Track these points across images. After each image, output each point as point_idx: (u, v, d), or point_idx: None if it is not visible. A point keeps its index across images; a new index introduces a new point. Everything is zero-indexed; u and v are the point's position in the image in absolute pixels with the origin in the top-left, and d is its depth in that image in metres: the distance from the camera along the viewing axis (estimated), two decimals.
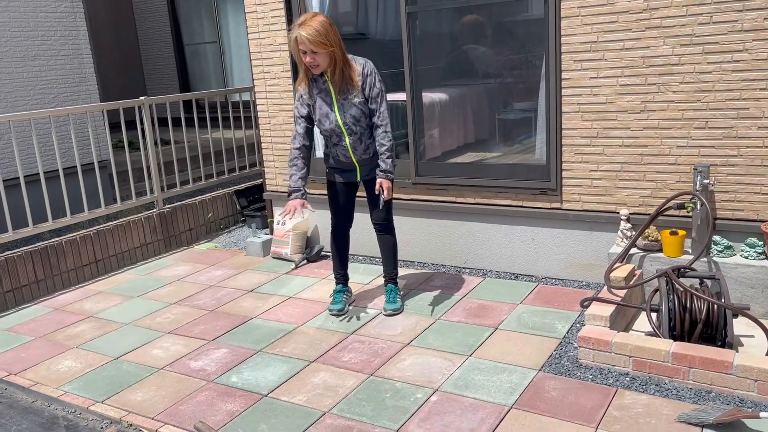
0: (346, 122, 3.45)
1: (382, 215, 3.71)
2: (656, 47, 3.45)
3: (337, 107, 3.43)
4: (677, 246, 3.44)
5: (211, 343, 3.57)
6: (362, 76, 3.41)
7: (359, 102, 3.43)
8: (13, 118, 4.44)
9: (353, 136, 3.49)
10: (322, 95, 3.45)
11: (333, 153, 3.61)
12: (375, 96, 3.44)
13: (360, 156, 3.56)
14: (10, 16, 6.07)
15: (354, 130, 3.48)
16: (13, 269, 4.32)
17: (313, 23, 3.23)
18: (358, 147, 3.53)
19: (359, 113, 3.45)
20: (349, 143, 3.51)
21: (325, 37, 3.22)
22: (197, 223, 5.61)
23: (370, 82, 3.42)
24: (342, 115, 3.44)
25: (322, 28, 3.22)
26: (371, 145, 3.56)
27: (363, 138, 3.52)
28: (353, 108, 3.43)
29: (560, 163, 3.87)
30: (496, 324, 3.52)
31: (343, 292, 3.90)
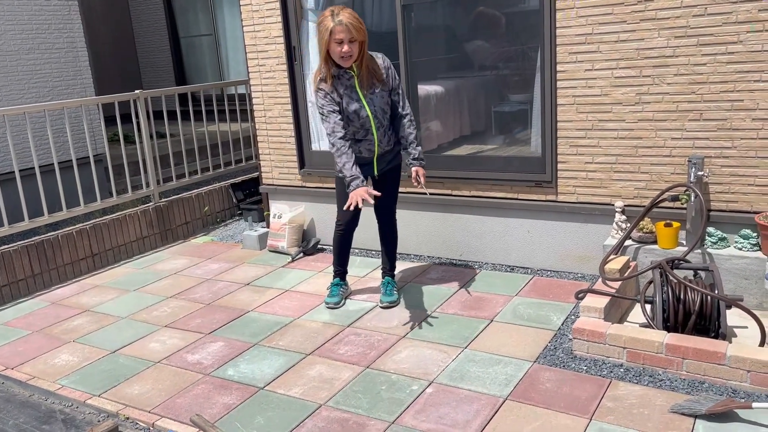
0: (376, 116, 3.43)
1: (389, 207, 3.74)
2: (651, 39, 3.45)
3: (366, 102, 3.40)
4: (672, 238, 3.45)
5: (208, 336, 3.58)
6: (384, 68, 3.44)
7: (385, 94, 3.46)
8: (7, 112, 4.43)
9: (381, 129, 3.48)
10: (348, 92, 3.38)
11: (354, 149, 3.44)
12: (397, 87, 3.49)
13: (384, 149, 3.54)
14: (3, 9, 6.04)
15: (382, 123, 3.48)
16: (9, 263, 4.32)
17: (349, 11, 3.23)
18: (383, 140, 3.51)
19: (386, 105, 3.47)
20: (377, 137, 3.47)
21: (361, 23, 3.25)
22: (194, 217, 5.61)
23: (392, 74, 3.47)
24: (372, 108, 3.42)
25: (357, 15, 3.24)
26: (391, 137, 3.56)
27: (387, 131, 3.53)
28: (380, 100, 3.44)
29: (555, 156, 3.88)
30: (492, 316, 3.54)
31: (340, 285, 3.91)
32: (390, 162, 3.63)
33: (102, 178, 6.35)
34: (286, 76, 4.72)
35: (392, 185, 3.71)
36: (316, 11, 4.56)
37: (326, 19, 3.22)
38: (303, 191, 4.95)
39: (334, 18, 3.20)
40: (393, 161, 3.65)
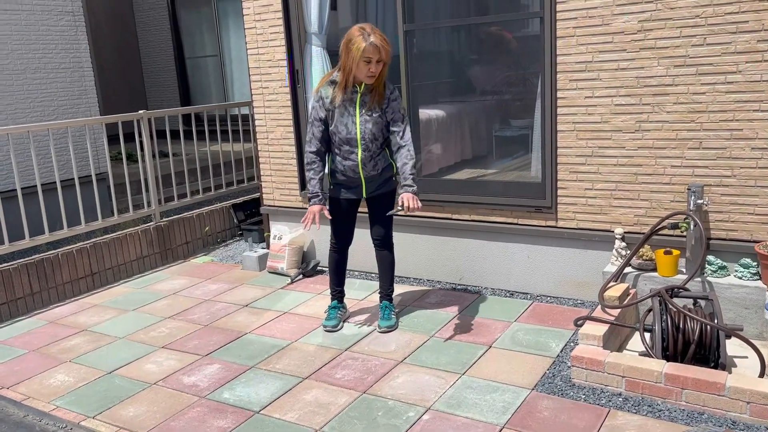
0: (364, 137, 3.48)
1: (382, 232, 3.72)
2: (650, 68, 3.47)
3: (359, 120, 3.46)
4: (671, 265, 3.44)
5: (205, 358, 3.56)
6: (388, 99, 3.48)
7: (383, 122, 3.49)
8: (12, 130, 4.47)
9: (367, 152, 3.51)
10: (346, 104, 3.46)
11: (340, 168, 3.57)
12: (399, 119, 3.49)
13: (368, 172, 3.56)
14: (12, 29, 6.12)
15: (369, 147, 3.51)
16: (8, 281, 4.32)
17: (379, 33, 3.31)
18: (368, 163, 3.54)
19: (378, 131, 3.49)
20: (361, 158, 3.52)
21: (390, 46, 3.35)
22: (194, 237, 5.62)
23: (395, 107, 3.49)
24: (362, 128, 3.47)
25: (386, 38, 3.33)
26: (380, 163, 3.57)
27: (374, 156, 3.54)
28: (374, 125, 3.48)
29: (555, 182, 3.89)
30: (490, 342, 3.52)
31: (337, 308, 3.90)
32: (380, 186, 3.63)
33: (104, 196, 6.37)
34: (289, 99, 4.76)
35: (381, 211, 3.67)
36: (320, 35, 4.61)
37: (358, 38, 3.30)
38: (303, 213, 4.94)
39: (366, 38, 3.28)
40: (384, 186, 3.64)
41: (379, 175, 3.60)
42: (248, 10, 4.78)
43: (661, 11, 3.38)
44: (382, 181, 3.62)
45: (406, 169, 3.46)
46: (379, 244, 3.76)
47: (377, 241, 3.76)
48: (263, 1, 4.69)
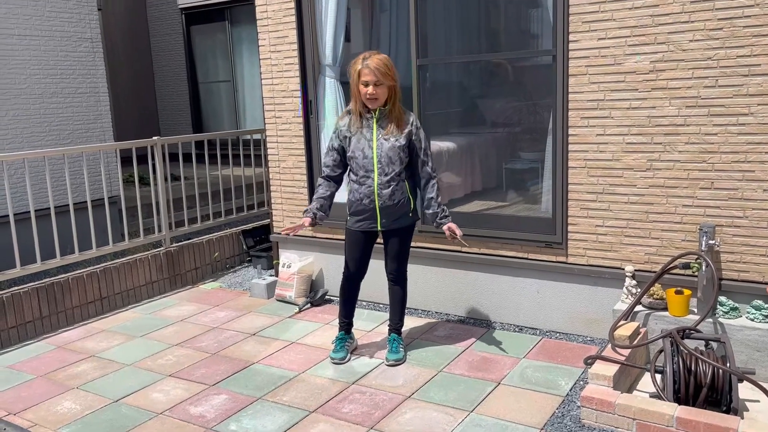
0: (380, 160, 3.50)
1: (396, 267, 3.72)
2: (662, 107, 3.49)
3: (376, 144, 3.50)
4: (683, 305, 3.42)
5: (212, 388, 3.55)
6: (413, 126, 3.54)
7: (399, 145, 3.50)
8: (28, 155, 4.52)
9: (383, 176, 3.51)
10: (363, 130, 3.53)
11: (357, 196, 3.59)
12: (425, 148, 3.57)
13: (384, 201, 3.54)
14: (31, 54, 6.23)
15: (386, 171, 3.50)
16: (18, 305, 4.34)
17: (379, 57, 3.42)
18: (384, 190, 3.52)
19: (395, 155, 3.50)
20: (377, 183, 3.52)
21: (389, 69, 3.41)
22: (203, 262, 5.64)
23: (421, 136, 3.56)
24: (379, 152, 3.50)
25: (387, 62, 3.42)
26: (397, 193, 3.55)
27: (391, 183, 3.53)
28: (391, 148, 3.49)
29: (566, 217, 3.89)
30: (499, 378, 3.50)
31: (344, 339, 3.88)
32: (396, 220, 3.61)
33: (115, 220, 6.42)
34: (302, 129, 4.81)
35: (398, 246, 3.68)
36: (333, 67, 4.67)
37: (357, 62, 3.45)
38: (313, 241, 4.98)
39: (363, 61, 3.41)
40: (400, 221, 3.63)
41: (396, 208, 3.57)
42: (264, 42, 4.85)
43: (674, 52, 3.42)
44: (399, 215, 3.60)
45: (432, 200, 3.56)
46: (392, 279, 3.77)
47: (391, 276, 3.77)
48: (279, 33, 4.76)
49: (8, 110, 6.10)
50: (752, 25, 3.21)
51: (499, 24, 4.43)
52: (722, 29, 3.28)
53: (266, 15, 4.81)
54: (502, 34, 4.40)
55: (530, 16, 4.19)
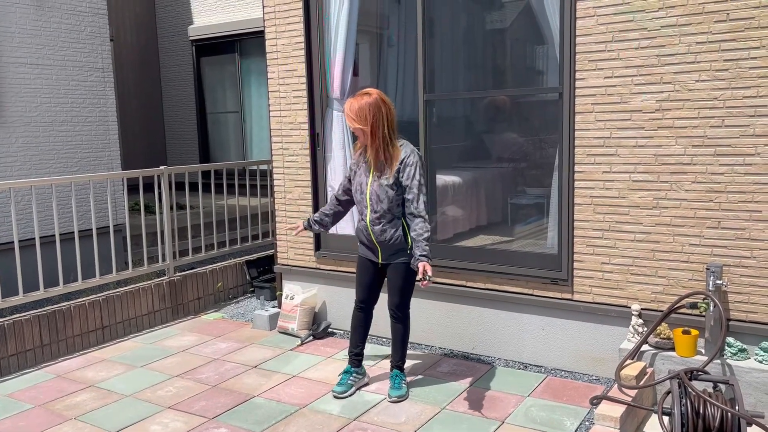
0: (371, 197, 3.57)
1: (395, 302, 3.68)
2: (669, 146, 3.50)
3: (370, 182, 3.58)
4: (690, 346, 3.38)
5: (212, 421, 3.50)
6: (402, 163, 3.49)
7: (387, 184, 3.51)
8: (35, 183, 4.55)
9: (373, 213, 3.58)
10: (364, 167, 3.64)
11: (359, 226, 3.72)
12: (411, 186, 3.47)
13: (377, 237, 3.58)
14: (43, 82, 6.32)
15: (375, 208, 3.56)
16: (19, 333, 4.31)
17: (357, 100, 3.47)
18: (376, 227, 3.58)
19: (383, 194, 3.52)
20: (369, 219, 3.60)
21: (358, 115, 3.43)
22: (206, 292, 5.61)
23: (409, 173, 3.48)
24: (370, 190, 3.58)
25: (362, 107, 3.43)
26: (388, 230, 3.56)
27: (382, 220, 3.56)
28: (379, 187, 3.54)
29: (572, 254, 3.87)
30: (503, 417, 3.44)
31: (350, 373, 3.84)
32: (393, 255, 3.62)
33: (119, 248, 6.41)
34: (308, 161, 4.83)
35: (396, 281, 3.65)
36: (341, 100, 4.71)
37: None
38: (317, 273, 4.96)
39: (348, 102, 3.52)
40: (395, 257, 3.61)
41: (389, 243, 3.58)
42: (273, 74, 4.91)
43: (680, 92, 3.44)
44: (395, 251, 3.61)
45: (417, 239, 3.43)
46: (393, 315, 3.74)
47: (391, 312, 3.74)
48: (288, 67, 4.82)
49: (18, 137, 6.16)
50: (758, 66, 3.24)
51: (506, 61, 4.48)
52: (728, 70, 3.31)
53: (276, 48, 4.88)
54: (509, 71, 4.45)
55: (537, 53, 4.24)
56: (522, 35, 4.41)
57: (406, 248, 3.60)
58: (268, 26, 4.90)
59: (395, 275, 3.65)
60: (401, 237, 3.57)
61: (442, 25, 4.38)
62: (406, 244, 3.59)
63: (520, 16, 4.42)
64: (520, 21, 4.41)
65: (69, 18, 6.53)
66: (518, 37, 4.43)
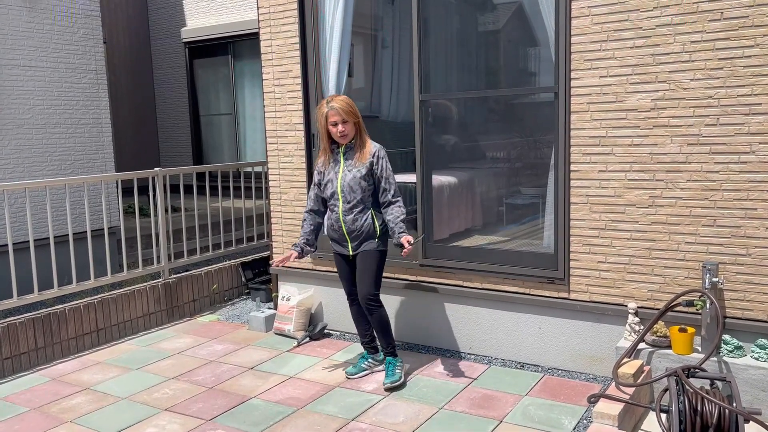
0: (343, 189, 3.80)
1: (363, 291, 3.84)
2: (664, 145, 3.52)
3: (341, 174, 3.81)
4: (686, 344, 3.39)
5: (208, 423, 3.48)
6: (374, 157, 3.80)
7: (360, 175, 3.77)
8: (29, 185, 4.52)
9: (345, 204, 3.81)
10: (332, 164, 3.87)
11: (329, 222, 3.93)
12: (387, 177, 3.80)
13: (349, 226, 3.82)
14: (35, 84, 6.28)
15: (348, 198, 3.79)
16: (14, 336, 4.28)
17: (342, 98, 3.78)
18: (348, 216, 3.81)
19: (356, 184, 3.78)
20: (341, 210, 3.82)
21: (352, 108, 3.76)
22: (201, 294, 5.59)
23: (382, 165, 3.80)
24: (343, 182, 3.80)
25: (349, 101, 3.79)
26: (360, 218, 3.80)
27: (354, 209, 3.80)
28: (353, 179, 3.78)
29: (568, 253, 3.88)
30: (501, 416, 3.44)
31: (366, 358, 4.07)
32: (362, 244, 3.83)
33: (114, 250, 6.38)
34: (304, 162, 4.82)
35: (363, 267, 3.83)
36: None
37: (322, 106, 3.81)
38: (313, 274, 4.95)
39: (328, 104, 3.76)
40: (366, 245, 3.83)
41: (359, 232, 3.81)
42: (268, 75, 4.90)
43: (675, 91, 3.46)
44: (365, 239, 3.82)
45: (398, 220, 3.72)
46: (365, 306, 3.86)
47: (363, 302, 3.86)
48: (283, 67, 4.82)
49: (11, 140, 6.12)
50: (753, 65, 3.26)
51: (501, 60, 4.50)
52: (723, 69, 3.33)
53: (270, 49, 4.87)
54: (504, 71, 4.46)
55: (532, 53, 4.26)
56: (517, 35, 4.43)
57: (374, 236, 3.82)
58: (262, 27, 4.89)
59: (364, 261, 3.83)
60: (371, 225, 3.81)
61: (437, 25, 4.39)
62: (375, 233, 3.81)
63: (515, 16, 4.43)
64: (515, 21, 4.42)
65: (61, 20, 6.49)
66: (513, 37, 4.44)
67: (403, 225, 3.71)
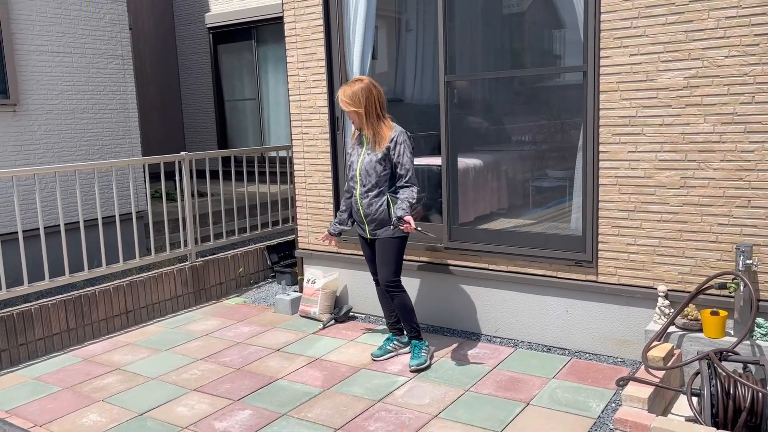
0: (361, 172, 3.81)
1: (383, 275, 3.85)
2: (697, 124, 3.44)
3: (362, 157, 3.82)
4: (718, 327, 3.33)
5: (236, 403, 3.53)
6: (392, 141, 3.74)
7: (376, 159, 3.75)
8: (59, 169, 4.59)
9: (361, 187, 3.82)
10: (357, 146, 3.89)
11: (351, 204, 3.98)
12: (403, 163, 3.73)
13: (365, 209, 3.82)
14: (63, 70, 6.36)
15: (363, 182, 3.80)
16: (46, 317, 4.37)
17: (350, 87, 3.72)
18: (364, 200, 3.82)
19: (372, 168, 3.76)
20: (358, 192, 3.84)
21: (352, 99, 3.68)
22: (228, 277, 5.64)
23: (399, 150, 3.73)
24: (361, 166, 3.82)
25: (355, 91, 3.69)
26: (375, 203, 3.79)
27: (369, 193, 3.80)
28: (369, 161, 3.77)
29: (596, 235, 3.83)
30: (528, 399, 3.42)
31: (391, 340, 4.07)
32: (377, 230, 3.83)
33: (142, 234, 6.47)
34: (329, 145, 4.82)
35: (381, 254, 3.85)
36: None
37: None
38: (338, 257, 4.96)
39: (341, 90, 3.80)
40: (380, 230, 3.82)
41: (374, 216, 3.80)
42: (292, 59, 4.89)
43: (708, 68, 3.36)
44: (379, 225, 3.81)
45: (403, 197, 3.68)
46: (387, 291, 3.87)
47: (384, 287, 3.87)
48: (307, 50, 4.80)
49: (40, 125, 6.21)
50: None
51: (528, 40, 4.42)
52: (759, 45, 3.22)
53: (294, 32, 4.85)
54: (531, 50, 4.38)
55: (560, 32, 4.17)
56: (543, 14, 4.35)
57: (389, 223, 3.79)
58: (286, 9, 4.87)
59: (381, 248, 3.84)
60: (386, 211, 3.79)
61: (462, 4, 4.32)
62: (391, 218, 3.78)
63: None
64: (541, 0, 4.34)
65: (88, 5, 6.55)
66: (540, 16, 4.36)
67: (407, 204, 3.64)
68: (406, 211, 3.63)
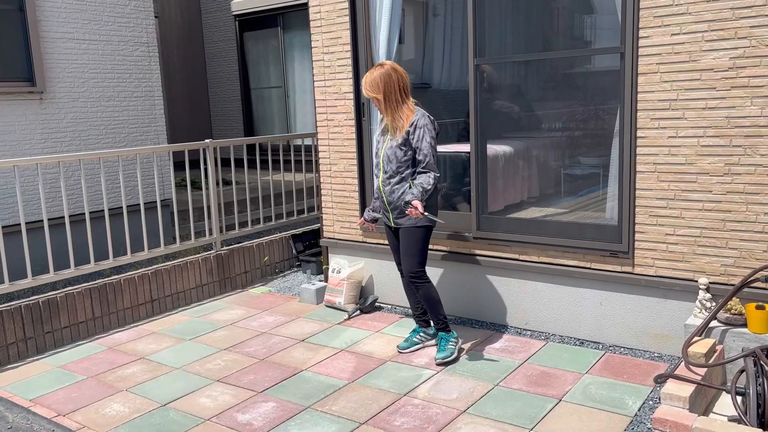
0: (383, 158, 3.73)
1: (406, 265, 3.74)
2: (743, 107, 3.24)
3: (385, 144, 3.73)
4: (765, 322, 3.15)
5: (260, 395, 3.46)
6: (412, 126, 3.62)
7: (397, 144, 3.64)
8: (83, 156, 4.56)
9: (384, 174, 3.73)
10: (383, 131, 3.80)
11: (375, 190, 3.88)
12: (422, 147, 3.59)
13: (387, 197, 3.73)
14: (89, 58, 6.34)
15: (385, 168, 3.71)
16: (72, 305, 4.36)
17: (370, 73, 3.64)
18: (386, 187, 3.72)
19: (392, 154, 3.66)
20: (381, 179, 3.76)
21: (371, 85, 3.61)
22: (253, 266, 5.59)
23: (419, 135, 3.60)
24: (384, 153, 3.73)
25: (374, 77, 3.61)
26: (397, 190, 3.67)
27: (391, 180, 3.69)
28: (390, 147, 3.68)
29: (633, 225, 3.66)
30: (560, 395, 3.29)
31: (417, 332, 3.99)
32: (400, 218, 3.72)
33: (167, 222, 6.45)
34: (354, 132, 4.71)
35: (404, 244, 3.73)
36: None
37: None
38: (363, 246, 4.86)
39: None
40: (403, 219, 3.71)
41: (397, 204, 3.69)
42: (317, 43, 4.78)
43: (756, 48, 3.16)
44: (401, 211, 3.70)
45: (419, 185, 3.55)
46: (411, 282, 3.76)
47: (408, 278, 3.75)
48: (332, 34, 4.69)
49: (67, 113, 6.22)
50: None
51: (562, 21, 4.23)
52: None
53: (319, 15, 4.74)
54: (565, 32, 4.20)
55: (596, 11, 3.99)
56: None
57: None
58: None
59: (405, 238, 3.73)
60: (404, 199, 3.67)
61: None
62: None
63: None
64: None
65: None
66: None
67: (419, 190, 3.51)
68: (416, 196, 3.51)
